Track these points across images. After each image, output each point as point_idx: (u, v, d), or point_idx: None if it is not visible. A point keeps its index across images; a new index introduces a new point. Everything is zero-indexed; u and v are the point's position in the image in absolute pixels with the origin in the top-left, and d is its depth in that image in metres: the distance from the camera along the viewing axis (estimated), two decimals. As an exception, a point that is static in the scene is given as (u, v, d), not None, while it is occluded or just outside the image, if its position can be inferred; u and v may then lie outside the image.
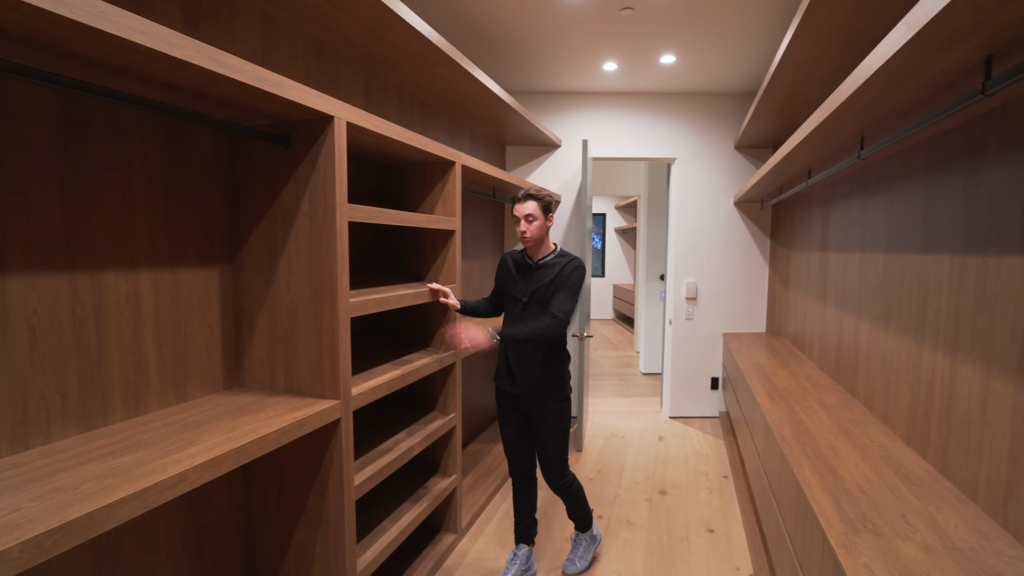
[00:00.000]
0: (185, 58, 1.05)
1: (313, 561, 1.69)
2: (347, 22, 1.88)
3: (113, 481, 1.03)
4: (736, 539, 2.55)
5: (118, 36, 0.94)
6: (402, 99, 2.66)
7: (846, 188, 2.59)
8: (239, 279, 1.67)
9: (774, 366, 3.04)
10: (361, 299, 1.69)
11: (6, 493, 0.98)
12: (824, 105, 1.67)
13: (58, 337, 1.22)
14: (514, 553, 2.25)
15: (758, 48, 3.15)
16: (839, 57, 2.23)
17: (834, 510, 1.43)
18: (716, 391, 4.35)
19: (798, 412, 2.23)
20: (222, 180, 1.61)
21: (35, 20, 0.87)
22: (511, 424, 2.20)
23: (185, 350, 1.52)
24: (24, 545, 0.84)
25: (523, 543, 2.28)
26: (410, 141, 1.89)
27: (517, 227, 2.06)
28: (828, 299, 2.84)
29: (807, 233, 3.27)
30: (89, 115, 1.26)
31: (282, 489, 1.70)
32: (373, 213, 1.73)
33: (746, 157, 4.14)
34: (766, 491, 2.19)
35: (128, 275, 1.36)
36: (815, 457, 1.77)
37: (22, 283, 1.15)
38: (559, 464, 2.16)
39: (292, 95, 1.33)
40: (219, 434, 1.29)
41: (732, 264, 4.22)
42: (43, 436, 1.20)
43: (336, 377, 1.59)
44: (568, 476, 2.20)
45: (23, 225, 1.15)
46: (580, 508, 2.29)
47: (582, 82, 3.90)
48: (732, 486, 3.12)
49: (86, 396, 1.28)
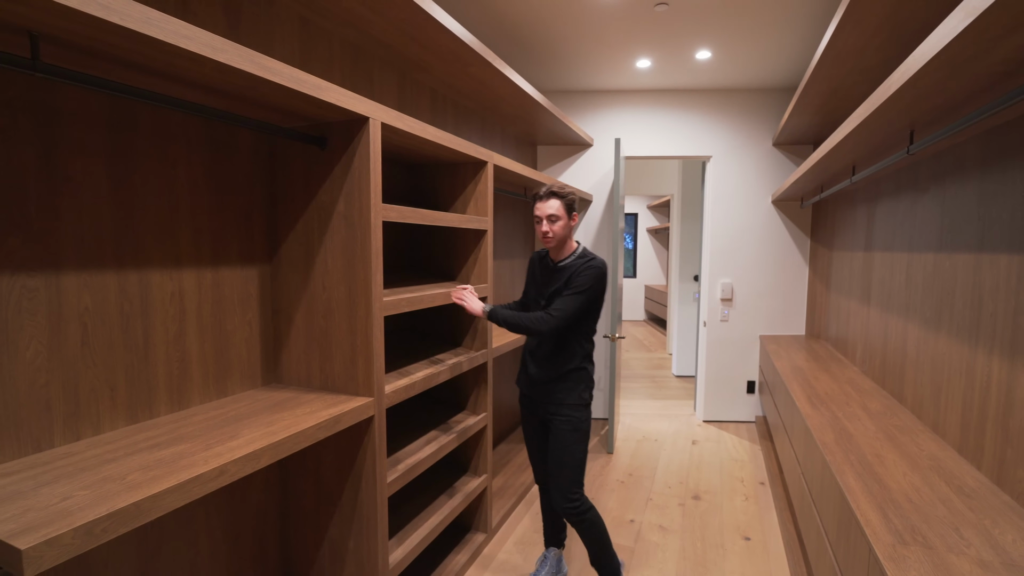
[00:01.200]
0: (228, 62, 1.07)
1: (347, 555, 1.71)
2: (382, 24, 1.91)
3: (158, 472, 1.07)
4: (774, 548, 2.47)
5: (164, 41, 0.97)
6: (435, 100, 2.68)
7: (893, 185, 2.49)
8: (277, 277, 1.71)
9: (815, 370, 2.94)
10: (394, 298, 1.71)
11: (59, 481, 1.02)
12: (872, 98, 1.60)
13: (107, 333, 1.27)
14: (544, 555, 2.24)
15: (798, 42, 3.05)
16: (885, 49, 2.14)
17: (880, 521, 1.37)
18: (752, 395, 4.24)
19: (841, 418, 2.14)
20: (261, 181, 1.65)
21: (89, 28, 0.91)
22: (531, 429, 2.11)
23: (226, 346, 1.57)
24: (76, 531, 0.87)
25: (552, 546, 2.25)
26: (442, 141, 1.90)
27: (539, 227, 1.92)
28: (873, 301, 2.73)
29: (850, 232, 3.16)
30: (137, 119, 1.31)
31: (317, 484, 1.73)
32: (407, 213, 1.74)
33: (785, 154, 4.02)
34: (806, 499, 2.11)
35: (173, 273, 1.40)
36: (859, 465, 1.70)
37: (75, 280, 1.20)
38: (568, 482, 1.90)
39: (329, 96, 1.36)
40: (257, 429, 1.32)
41: (770, 264, 4.10)
42: (93, 427, 1.25)
43: (370, 375, 1.60)
44: (579, 499, 1.91)
45: (76, 225, 1.20)
46: (599, 546, 1.95)
47: (614, 80, 3.86)
48: (769, 493, 3.03)
49: (133, 390, 1.33)
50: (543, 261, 2.06)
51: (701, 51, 3.23)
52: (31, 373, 1.13)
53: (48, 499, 0.95)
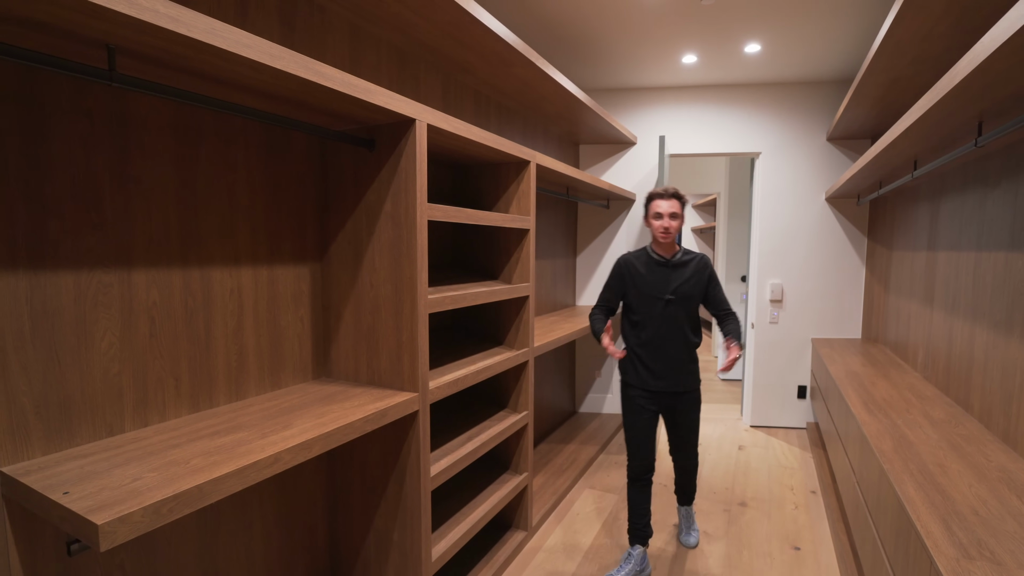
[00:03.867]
0: (285, 68, 1.13)
1: (391, 547, 1.76)
2: (427, 28, 1.95)
3: (218, 458, 1.13)
4: (825, 559, 2.37)
5: (227, 50, 1.02)
6: (478, 101, 2.71)
7: (959, 180, 2.35)
8: (327, 275, 1.77)
9: (871, 375, 2.81)
10: (439, 296, 1.74)
11: (130, 463, 1.10)
12: (936, 87, 1.52)
13: (173, 326, 1.35)
14: (628, 553, 2.23)
15: (854, 31, 2.92)
16: (950, 36, 2.02)
17: (943, 533, 1.30)
18: (803, 400, 4.08)
19: (900, 425, 2.04)
20: (313, 183, 1.72)
21: (160, 39, 0.97)
22: (645, 420, 2.22)
23: (279, 341, 1.64)
24: (145, 510, 0.93)
25: (638, 544, 2.24)
26: (486, 141, 1.92)
27: (656, 222, 2.11)
28: (936, 302, 2.58)
29: (911, 231, 3.00)
30: (201, 124, 1.39)
31: (363, 475, 1.79)
32: (451, 212, 1.77)
33: (840, 149, 3.86)
34: (861, 509, 2.02)
35: (232, 270, 1.48)
36: (920, 475, 1.62)
37: (145, 276, 1.28)
38: (695, 444, 2.37)
39: (377, 99, 1.40)
40: (309, 420, 1.37)
41: (823, 265, 3.94)
42: (159, 414, 1.33)
43: (415, 371, 1.64)
44: (698, 454, 2.47)
45: (146, 224, 1.28)
46: (694, 481, 2.47)
47: (659, 77, 3.80)
48: (821, 502, 2.91)
49: (195, 380, 1.40)
50: (648, 260, 2.19)
51: (750, 44, 3.14)
52: (105, 363, 1.22)
53: (120, 479, 1.02)
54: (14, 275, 1.06)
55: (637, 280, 2.18)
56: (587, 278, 4.32)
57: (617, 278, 2.24)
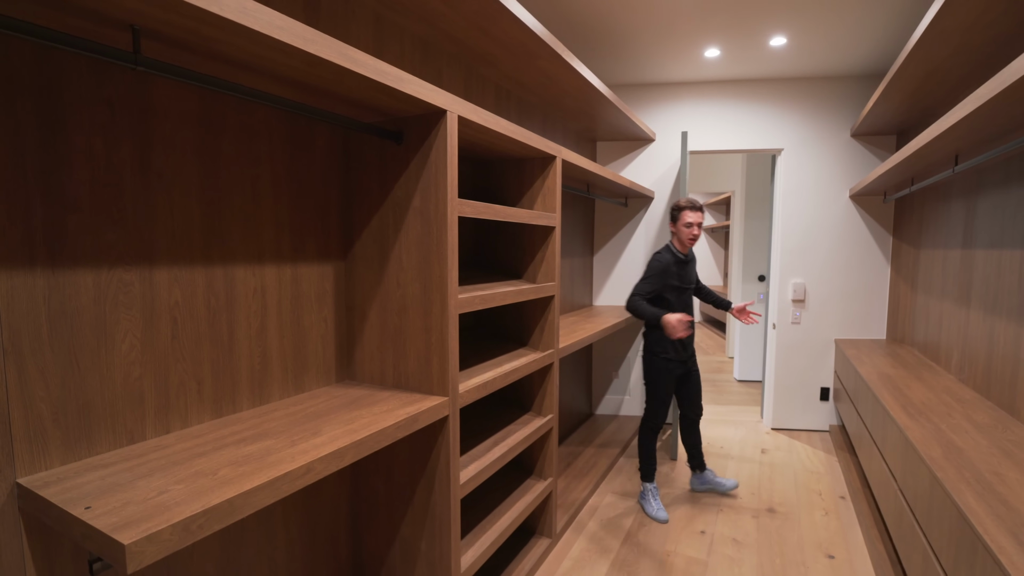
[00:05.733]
0: (318, 53, 1.05)
1: (418, 556, 1.68)
2: (453, 18, 1.88)
3: (247, 468, 1.06)
4: (861, 567, 2.29)
5: (259, 32, 0.95)
6: (498, 95, 2.63)
7: (1001, 175, 2.26)
8: (352, 274, 1.70)
9: (904, 377, 2.72)
10: (469, 295, 1.67)
11: (154, 474, 1.03)
12: (996, 78, 1.43)
13: (195, 327, 1.28)
14: (647, 488, 2.78)
15: (885, 23, 2.83)
16: (999, 24, 1.94)
17: (1015, 547, 1.22)
18: (826, 402, 3.99)
19: (944, 431, 1.95)
20: (337, 177, 1.65)
21: (189, 19, 0.90)
22: (673, 383, 2.77)
23: (303, 342, 1.57)
24: (174, 527, 0.86)
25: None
26: (515, 135, 1.85)
27: (690, 231, 2.62)
28: (973, 302, 2.49)
29: (943, 228, 2.90)
30: (225, 116, 1.32)
31: (388, 483, 1.72)
32: (481, 208, 1.70)
33: (864, 146, 3.76)
34: (906, 517, 1.94)
35: (255, 269, 1.41)
36: (977, 484, 1.53)
37: (167, 275, 1.21)
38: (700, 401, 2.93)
39: (409, 88, 1.33)
40: (338, 426, 1.30)
41: (847, 264, 3.85)
42: (182, 420, 1.26)
43: (445, 374, 1.57)
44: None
45: (168, 220, 1.21)
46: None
47: (680, 72, 3.71)
48: (851, 508, 2.82)
49: (218, 384, 1.34)
50: (678, 259, 2.70)
51: (776, 37, 3.05)
52: (126, 366, 1.15)
53: (146, 492, 0.95)
54: (31, 274, 0.99)
55: (673, 275, 2.67)
56: (604, 277, 4.24)
57: (661, 274, 2.65)
